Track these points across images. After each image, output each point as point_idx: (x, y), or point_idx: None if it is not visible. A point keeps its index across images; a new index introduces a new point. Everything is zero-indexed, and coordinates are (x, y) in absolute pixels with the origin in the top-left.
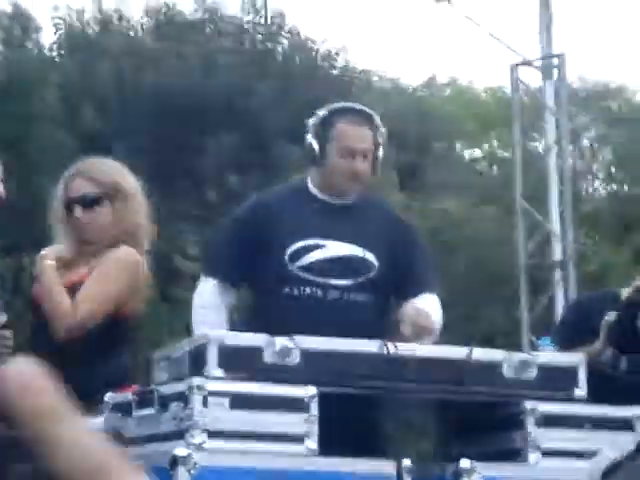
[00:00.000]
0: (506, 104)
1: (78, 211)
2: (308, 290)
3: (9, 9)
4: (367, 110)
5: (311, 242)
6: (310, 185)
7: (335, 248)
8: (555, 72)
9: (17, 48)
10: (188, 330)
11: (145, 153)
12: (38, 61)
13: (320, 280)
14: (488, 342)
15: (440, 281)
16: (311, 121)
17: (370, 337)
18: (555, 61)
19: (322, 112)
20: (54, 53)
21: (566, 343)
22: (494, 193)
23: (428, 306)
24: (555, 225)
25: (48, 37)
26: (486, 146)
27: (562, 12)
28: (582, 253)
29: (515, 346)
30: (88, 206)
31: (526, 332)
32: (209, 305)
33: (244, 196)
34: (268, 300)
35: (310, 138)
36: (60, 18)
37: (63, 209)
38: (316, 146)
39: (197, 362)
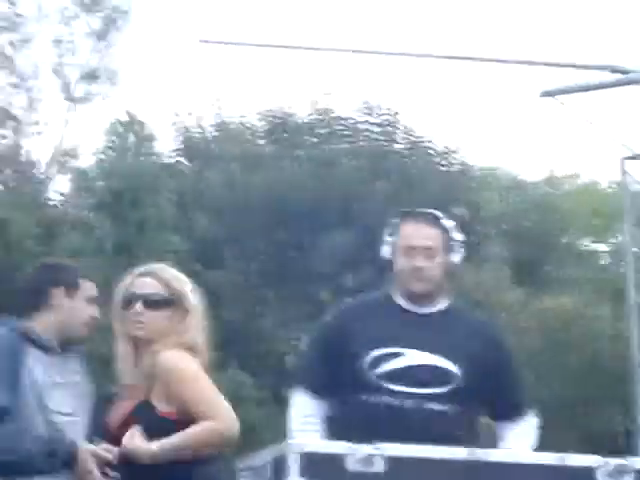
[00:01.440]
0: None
1: (138, 306)
2: (385, 398)
3: (125, 117)
4: (434, 212)
5: (391, 350)
6: (392, 292)
7: (414, 357)
8: None
9: (133, 156)
10: None
11: (259, 255)
12: (153, 168)
13: (397, 388)
14: (611, 442)
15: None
16: (386, 229)
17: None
18: None
19: (395, 219)
20: (172, 160)
21: None
22: (614, 288)
23: (520, 438)
24: None
25: (165, 144)
26: (613, 240)
27: None
28: None
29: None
30: (151, 305)
31: None
32: (305, 415)
33: (357, 293)
34: (345, 408)
35: (384, 244)
36: (179, 124)
37: (122, 303)
38: (387, 251)
39: (279, 471)
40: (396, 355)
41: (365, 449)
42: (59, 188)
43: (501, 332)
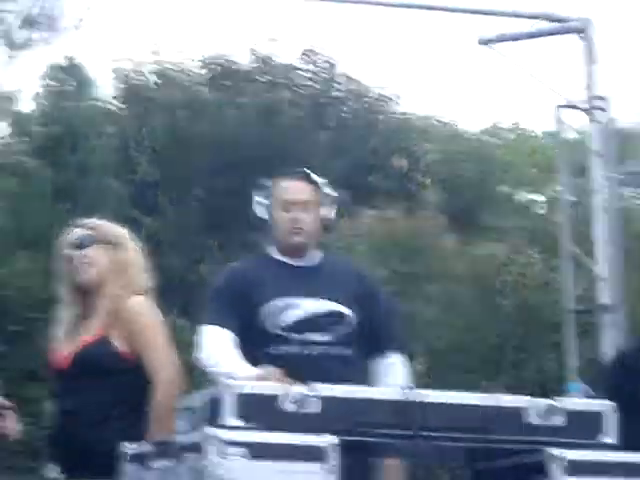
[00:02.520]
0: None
1: (72, 252)
2: (290, 349)
3: (63, 62)
4: (306, 170)
5: (287, 301)
6: (270, 250)
7: (311, 305)
8: (600, 114)
9: (73, 101)
10: None
11: (200, 203)
12: (93, 113)
13: (301, 337)
14: (540, 388)
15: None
16: (255, 192)
17: None
18: (600, 103)
19: (267, 182)
20: (111, 105)
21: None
22: (548, 237)
23: (396, 375)
24: (603, 268)
25: (105, 89)
26: (550, 191)
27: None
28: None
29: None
30: (81, 247)
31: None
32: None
33: None
34: (254, 360)
35: (255, 205)
36: (119, 70)
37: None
38: (263, 211)
39: (214, 411)
40: (293, 306)
41: (299, 390)
42: None
43: (371, 275)
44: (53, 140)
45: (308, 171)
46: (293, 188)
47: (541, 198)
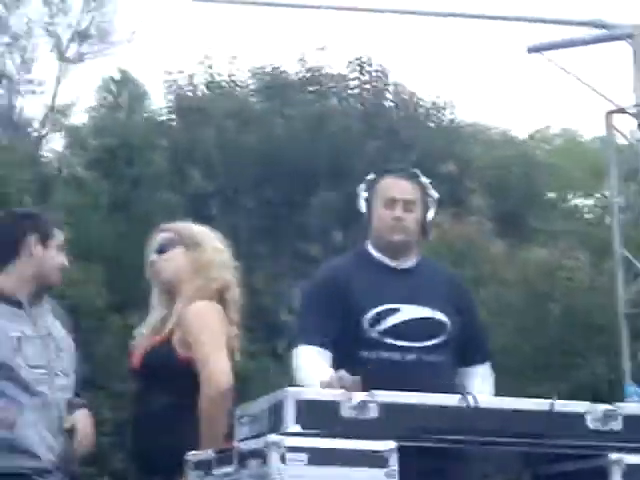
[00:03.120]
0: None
1: (154, 257)
2: (386, 354)
3: (117, 75)
4: (412, 169)
5: (390, 306)
6: (369, 248)
7: (411, 311)
8: None
9: (126, 113)
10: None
11: (250, 212)
12: (146, 125)
13: (397, 343)
14: (594, 392)
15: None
16: (360, 186)
17: None
18: None
19: (370, 175)
20: (163, 117)
21: None
22: (597, 241)
23: (483, 385)
24: None
25: (157, 101)
26: (598, 195)
27: None
28: None
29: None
30: (162, 251)
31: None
32: (314, 365)
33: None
34: (346, 365)
35: (360, 201)
36: (171, 82)
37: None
38: (364, 206)
39: (275, 418)
40: (395, 311)
41: (359, 396)
42: (53, 146)
43: (465, 282)
44: (108, 152)
45: (416, 170)
46: (398, 186)
47: (589, 202)
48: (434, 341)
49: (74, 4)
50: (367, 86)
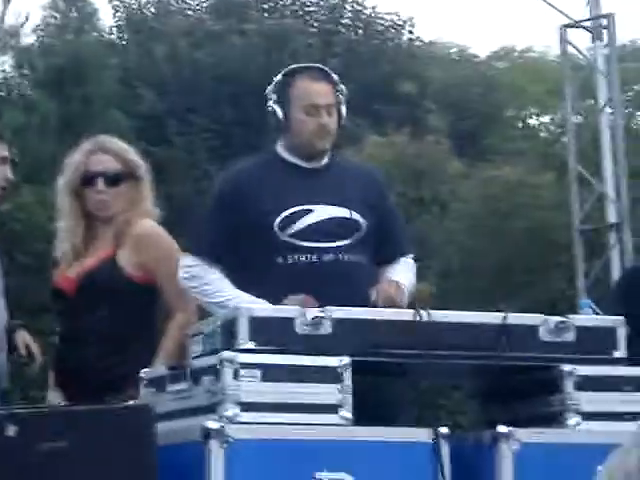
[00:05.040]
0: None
1: (101, 185)
2: (302, 257)
3: None
4: (323, 67)
5: (299, 208)
6: (280, 151)
7: (323, 211)
8: (605, 33)
9: (75, 33)
10: None
11: (206, 132)
12: (96, 45)
13: (313, 245)
14: (551, 307)
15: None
16: (269, 88)
17: (367, 298)
18: (604, 22)
19: (278, 76)
20: (113, 36)
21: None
22: (557, 159)
23: (403, 273)
24: (609, 187)
25: (106, 21)
26: (556, 114)
27: None
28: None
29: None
30: (112, 182)
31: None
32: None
33: None
34: (261, 272)
35: (271, 104)
36: (119, 0)
37: (79, 182)
38: (279, 110)
39: (229, 335)
40: (306, 212)
41: (313, 312)
42: (1, 67)
43: (384, 177)
44: (56, 72)
45: (326, 68)
46: (317, 90)
47: (547, 120)
48: (350, 240)
49: None
50: (324, 3)
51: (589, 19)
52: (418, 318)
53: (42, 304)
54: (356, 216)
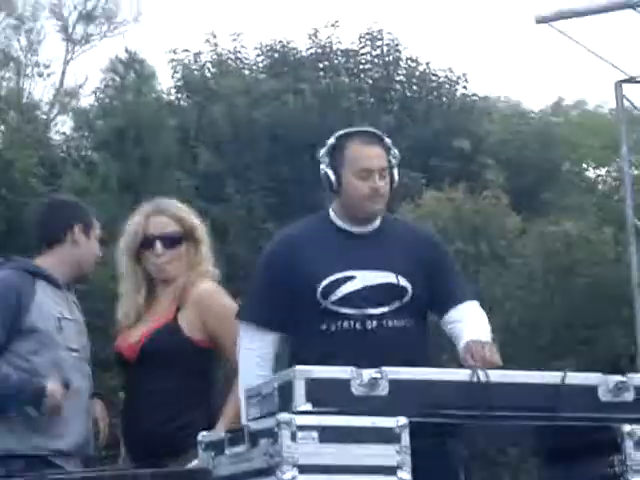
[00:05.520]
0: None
1: (159, 248)
2: (345, 324)
3: (124, 56)
4: (376, 131)
5: (341, 275)
6: (332, 215)
7: (366, 278)
8: None
9: (133, 93)
10: None
11: (262, 190)
12: (155, 105)
13: (356, 312)
14: (612, 364)
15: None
16: (322, 151)
17: (413, 361)
18: None
19: (331, 140)
20: (172, 97)
21: None
22: (615, 213)
23: (474, 313)
24: None
25: (165, 81)
26: (613, 167)
27: None
28: None
29: None
30: (170, 244)
31: None
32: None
33: None
34: (307, 338)
35: (324, 167)
36: (177, 61)
37: (139, 245)
38: (332, 174)
39: (285, 397)
40: (349, 279)
41: (369, 373)
42: (61, 128)
43: (434, 233)
44: (116, 134)
45: (378, 132)
46: (370, 154)
47: (603, 172)
48: (395, 305)
49: None
50: (378, 61)
51: None
52: (476, 378)
53: (104, 362)
54: (402, 280)
